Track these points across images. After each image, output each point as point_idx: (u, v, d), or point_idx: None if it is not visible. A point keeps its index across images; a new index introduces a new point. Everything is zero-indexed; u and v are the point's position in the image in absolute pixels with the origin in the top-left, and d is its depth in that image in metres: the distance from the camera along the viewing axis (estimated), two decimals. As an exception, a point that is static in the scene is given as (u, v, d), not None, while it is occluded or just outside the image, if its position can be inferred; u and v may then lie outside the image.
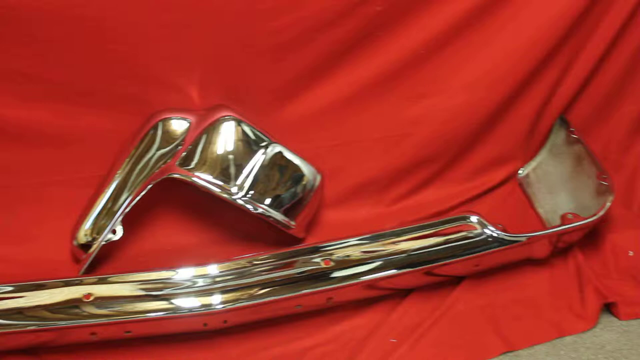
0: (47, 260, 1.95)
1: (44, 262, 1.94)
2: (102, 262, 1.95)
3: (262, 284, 1.80)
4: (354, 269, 1.83)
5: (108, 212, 1.89)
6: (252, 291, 1.78)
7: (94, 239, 1.90)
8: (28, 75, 1.84)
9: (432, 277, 1.89)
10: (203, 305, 1.75)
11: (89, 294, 1.74)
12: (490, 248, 1.88)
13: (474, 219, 1.91)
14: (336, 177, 2.05)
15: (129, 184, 1.89)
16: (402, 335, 1.83)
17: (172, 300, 1.75)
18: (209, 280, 1.80)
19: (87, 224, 1.91)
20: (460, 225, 1.91)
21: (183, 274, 1.81)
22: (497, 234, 1.88)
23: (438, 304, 1.89)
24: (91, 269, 1.92)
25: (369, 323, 1.86)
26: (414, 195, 2.13)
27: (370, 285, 1.84)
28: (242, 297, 1.76)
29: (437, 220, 1.94)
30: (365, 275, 1.82)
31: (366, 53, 1.96)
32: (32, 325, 1.70)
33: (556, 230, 1.92)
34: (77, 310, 1.73)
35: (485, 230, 1.89)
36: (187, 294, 1.77)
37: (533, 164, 2.25)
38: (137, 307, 1.74)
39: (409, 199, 2.12)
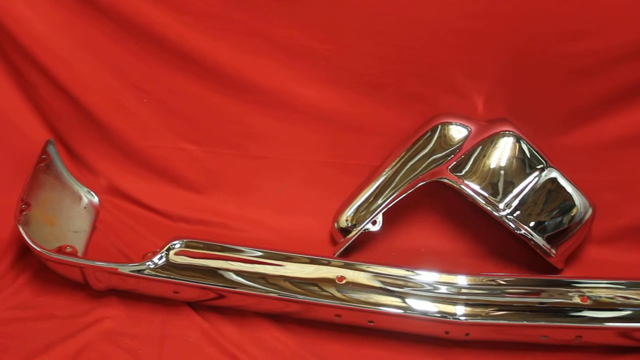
0: (306, 236, 2.03)
1: (303, 236, 2.03)
2: (355, 248, 2.00)
3: (511, 306, 1.76)
4: (610, 312, 1.74)
5: (371, 203, 1.94)
6: (498, 310, 1.75)
7: (353, 226, 1.95)
8: (324, 57, 1.93)
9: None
10: (443, 313, 1.74)
11: (342, 277, 1.79)
12: None
13: None
14: (607, 214, 1.95)
15: (396, 180, 1.92)
16: (648, 394, 1.72)
17: (415, 301, 1.75)
18: (454, 290, 1.79)
19: (350, 210, 1.97)
20: None
21: (428, 277, 1.80)
22: None
23: (696, 369, 1.76)
24: (345, 254, 1.98)
25: (616, 371, 1.77)
26: (690, 251, 1.97)
27: (624, 333, 1.74)
28: (488, 314, 1.74)
29: None
30: (622, 322, 1.73)
31: (667, 92, 1.86)
32: (273, 292, 1.77)
33: None
34: (324, 289, 1.78)
35: None
36: (430, 298, 1.76)
37: None
38: (381, 299, 1.76)
39: (683, 254, 1.97)
